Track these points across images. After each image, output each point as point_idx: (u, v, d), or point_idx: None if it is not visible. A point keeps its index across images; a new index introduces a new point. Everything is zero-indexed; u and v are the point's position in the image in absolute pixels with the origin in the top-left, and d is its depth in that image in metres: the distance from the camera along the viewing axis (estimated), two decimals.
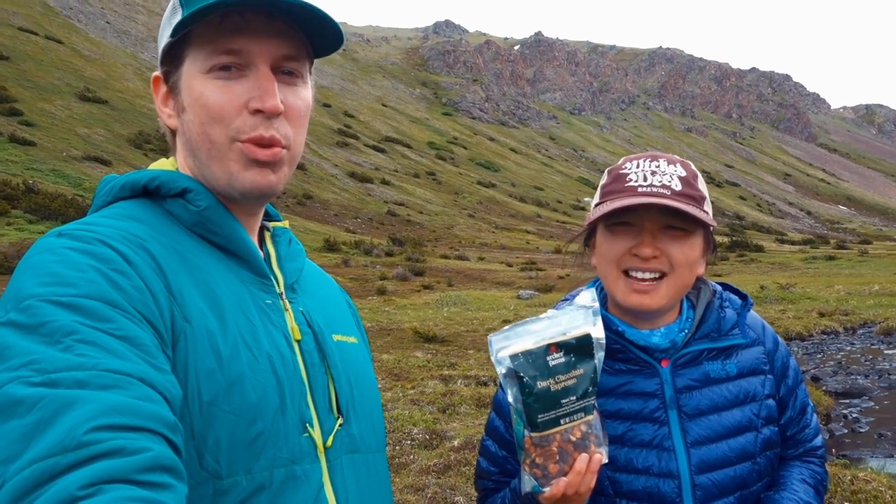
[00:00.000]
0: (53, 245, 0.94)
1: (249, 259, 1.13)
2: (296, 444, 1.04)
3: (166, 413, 0.81)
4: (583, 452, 1.23)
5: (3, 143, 39.48)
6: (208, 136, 1.09)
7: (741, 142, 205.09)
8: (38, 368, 0.77)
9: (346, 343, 1.25)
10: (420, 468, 6.21)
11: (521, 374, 1.22)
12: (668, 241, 1.43)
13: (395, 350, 12.93)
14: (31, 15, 76.40)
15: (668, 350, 1.50)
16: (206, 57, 1.08)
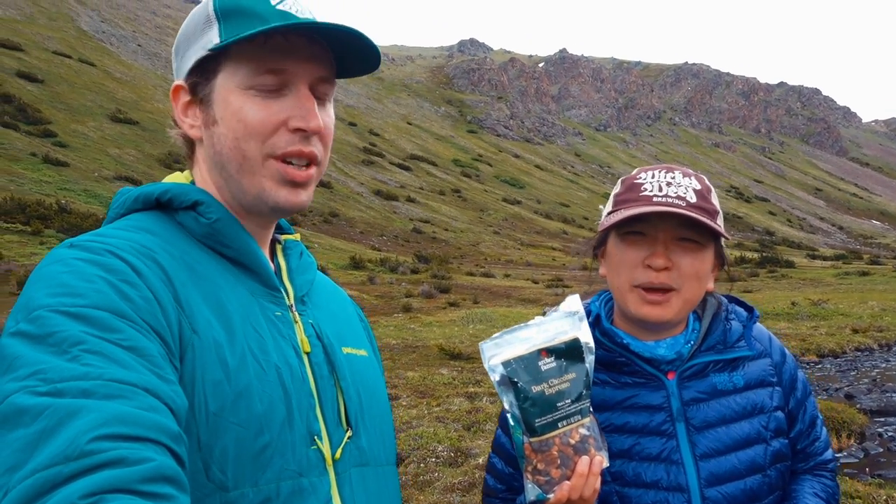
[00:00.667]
0: (64, 256, 0.95)
1: (259, 271, 1.13)
2: (303, 456, 1.04)
3: (170, 423, 0.81)
4: (583, 455, 1.23)
5: (38, 164, 40.35)
6: (242, 151, 1.09)
7: (770, 156, 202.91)
8: (45, 378, 0.78)
9: (355, 356, 1.24)
10: (444, 486, 6.15)
11: (516, 380, 1.23)
12: (680, 253, 1.43)
13: (421, 367, 12.87)
14: (66, 39, 78.33)
15: (673, 362, 1.49)
16: (247, 74, 1.08)
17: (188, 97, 1.14)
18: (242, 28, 1.07)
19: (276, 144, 1.10)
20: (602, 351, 1.51)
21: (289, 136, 1.10)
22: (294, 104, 1.10)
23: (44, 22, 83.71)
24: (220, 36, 1.08)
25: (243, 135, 1.09)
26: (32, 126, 48.03)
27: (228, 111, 1.09)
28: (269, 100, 1.09)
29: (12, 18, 78.63)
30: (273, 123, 1.09)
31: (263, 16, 1.08)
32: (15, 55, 64.12)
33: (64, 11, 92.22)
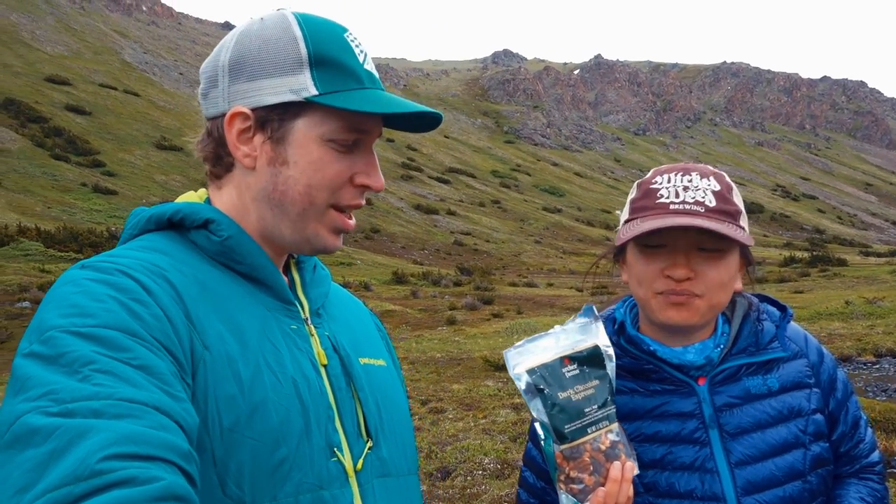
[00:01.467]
0: (76, 277, 0.97)
1: (273, 285, 1.14)
2: (323, 468, 1.04)
3: (180, 442, 0.81)
4: (615, 461, 1.21)
5: (88, 194, 41.60)
6: (311, 199, 1.12)
7: (816, 153, 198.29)
8: (56, 398, 0.78)
9: (373, 366, 1.25)
10: (492, 498, 6.12)
11: (542, 387, 1.23)
12: (702, 263, 1.38)
13: (466, 380, 12.86)
14: (111, 71, 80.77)
15: (703, 367, 1.44)
16: (333, 130, 1.11)
17: (248, 125, 1.12)
18: (339, 83, 1.10)
19: (342, 197, 1.14)
20: (629, 359, 1.48)
21: (353, 191, 1.15)
22: (363, 161, 1.15)
23: (90, 56, 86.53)
24: (317, 86, 1.09)
25: (318, 185, 1.11)
26: (82, 157, 49.64)
27: (306, 159, 1.11)
28: (344, 154, 1.12)
29: (60, 54, 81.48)
30: (344, 178, 1.13)
31: (358, 75, 1.12)
32: (63, 89, 66.41)
33: (108, 45, 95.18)
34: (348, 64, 1.11)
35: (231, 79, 1.13)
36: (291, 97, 1.09)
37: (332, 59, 1.10)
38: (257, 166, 1.13)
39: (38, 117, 54.98)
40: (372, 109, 1.08)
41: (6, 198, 37.03)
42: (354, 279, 31.33)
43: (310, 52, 1.09)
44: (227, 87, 1.13)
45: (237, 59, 1.12)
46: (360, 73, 1.12)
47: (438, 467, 7.09)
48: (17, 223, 29.43)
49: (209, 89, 1.16)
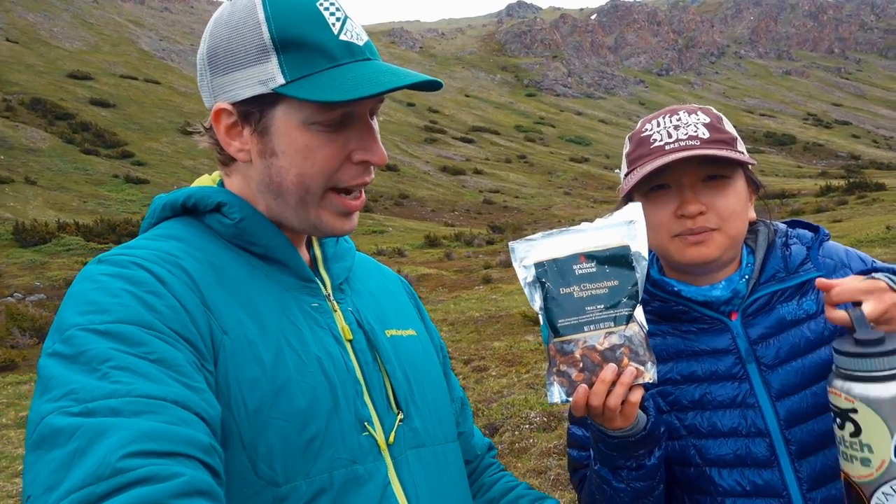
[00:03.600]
0: (92, 273, 0.97)
1: (291, 264, 1.13)
2: (354, 443, 1.04)
3: (201, 436, 0.82)
4: (611, 363, 1.16)
5: (121, 185, 42.32)
6: (306, 186, 1.09)
7: (847, 77, 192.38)
8: (77, 398, 0.80)
9: (401, 337, 1.23)
10: (541, 451, 6.33)
11: (544, 281, 1.19)
12: (711, 194, 1.36)
13: (506, 336, 13.05)
14: (129, 62, 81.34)
15: (732, 301, 1.40)
16: (312, 113, 1.06)
17: (233, 119, 1.10)
18: (307, 65, 1.04)
19: (341, 178, 1.10)
20: (658, 303, 1.47)
21: (353, 169, 1.10)
22: (358, 136, 1.09)
23: (108, 49, 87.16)
24: (284, 74, 1.04)
25: (310, 172, 1.08)
26: (111, 149, 50.36)
27: (292, 147, 1.07)
28: (333, 133, 1.07)
29: (79, 50, 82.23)
30: (339, 158, 1.08)
31: (329, 51, 1.05)
32: (86, 84, 67.17)
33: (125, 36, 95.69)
34: (317, 41, 1.05)
35: (211, 72, 1.10)
36: (261, 89, 1.05)
37: (298, 38, 1.04)
38: (252, 159, 1.11)
39: (64, 114, 55.80)
40: (336, 98, 1.01)
41: (43, 196, 37.89)
42: (387, 246, 31.60)
43: (273, 36, 1.04)
44: (210, 81, 1.11)
45: (212, 51, 1.10)
46: (331, 49, 1.05)
47: (486, 424, 7.31)
48: (56, 220, 30.15)
49: (200, 82, 1.15)
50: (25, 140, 47.44)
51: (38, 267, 23.97)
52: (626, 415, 1.19)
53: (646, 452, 1.30)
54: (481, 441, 1.45)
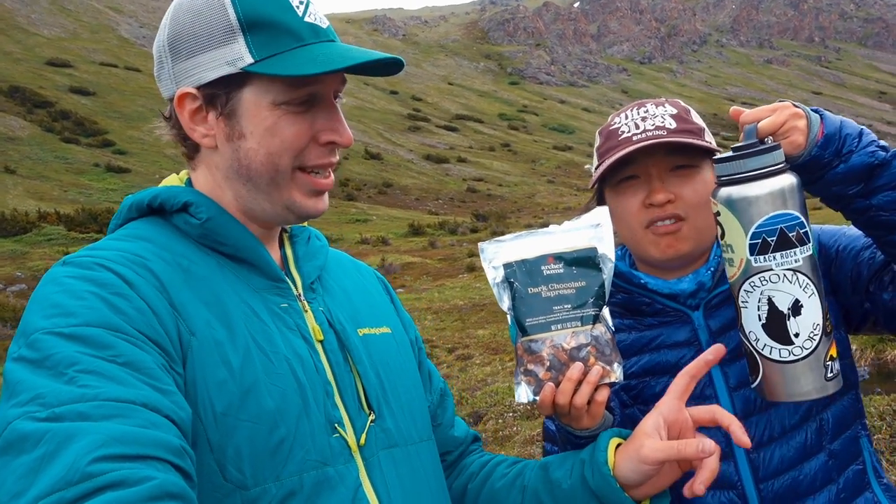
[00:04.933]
0: (57, 275, 0.96)
1: (260, 264, 1.12)
2: (325, 445, 1.03)
3: (171, 438, 0.80)
4: (577, 362, 1.17)
5: (102, 174, 41.99)
6: (275, 166, 1.08)
7: (827, 66, 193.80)
8: (44, 403, 0.78)
9: (374, 336, 1.23)
10: (524, 439, 6.47)
11: (512, 281, 1.21)
12: (679, 183, 1.38)
13: (490, 324, 13.18)
14: (109, 49, 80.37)
15: (697, 294, 1.42)
16: (280, 92, 1.06)
17: (197, 104, 1.09)
18: (274, 44, 1.05)
19: (307, 157, 1.10)
20: (622, 294, 1.48)
21: (319, 149, 1.11)
22: (323, 117, 1.10)
23: (87, 36, 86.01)
24: (252, 53, 1.04)
25: (278, 150, 1.08)
26: (91, 138, 49.95)
27: (261, 127, 1.07)
28: (300, 114, 1.08)
29: (58, 37, 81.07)
30: (305, 138, 1.09)
31: (295, 31, 1.06)
32: (65, 72, 66.32)
33: (104, 23, 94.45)
34: (283, 21, 1.06)
35: (173, 58, 1.10)
36: (229, 70, 1.05)
37: (265, 19, 1.05)
38: (218, 144, 1.10)
39: (43, 102, 55.12)
40: (310, 71, 1.03)
41: (23, 185, 37.50)
42: (371, 234, 31.63)
43: (239, 16, 1.05)
44: (171, 67, 1.10)
45: (174, 37, 1.09)
46: (297, 29, 1.07)
47: (470, 412, 7.44)
48: (36, 209, 29.89)
49: (159, 71, 1.13)
50: (4, 129, 46.87)
51: (18, 257, 23.79)
52: (593, 414, 1.20)
53: None
54: (465, 432, 1.45)
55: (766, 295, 1.19)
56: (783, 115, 1.21)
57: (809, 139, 1.21)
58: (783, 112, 1.21)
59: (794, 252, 1.17)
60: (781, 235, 1.17)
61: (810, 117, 1.22)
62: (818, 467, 1.36)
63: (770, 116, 1.21)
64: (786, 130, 1.21)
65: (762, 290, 1.19)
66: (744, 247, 1.20)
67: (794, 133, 1.20)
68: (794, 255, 1.17)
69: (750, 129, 1.20)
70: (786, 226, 1.17)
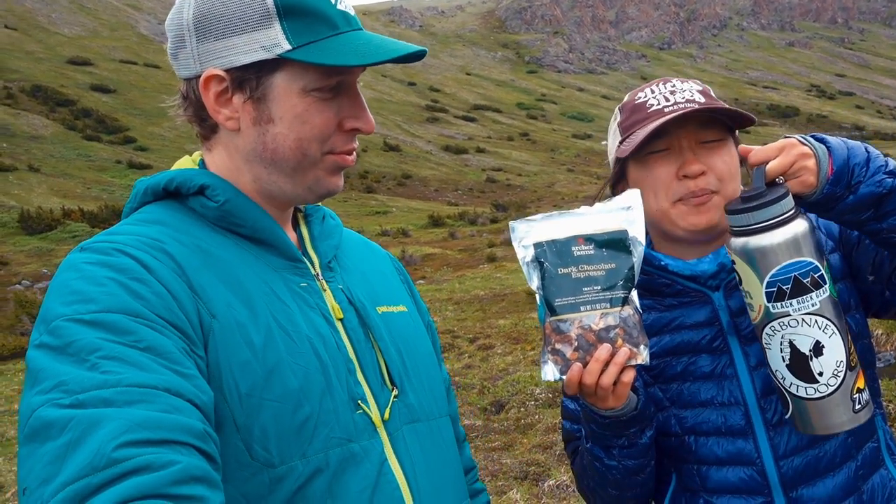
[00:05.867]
0: (76, 261, 0.96)
1: (278, 245, 1.11)
2: (349, 422, 1.03)
3: (194, 422, 0.81)
4: (605, 343, 1.18)
5: (124, 170, 42.42)
6: (303, 151, 1.09)
7: (850, 47, 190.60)
8: (67, 390, 0.79)
9: (392, 314, 1.23)
10: (546, 427, 6.43)
11: (542, 261, 1.22)
12: (709, 155, 1.37)
13: (511, 314, 13.14)
14: (129, 46, 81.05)
15: (718, 275, 1.41)
16: (313, 79, 1.06)
17: (223, 86, 1.07)
18: (311, 32, 1.05)
19: (335, 144, 1.11)
20: (642, 276, 1.43)
21: (344, 136, 1.11)
22: (349, 105, 1.11)
23: (107, 34, 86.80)
24: (290, 40, 1.04)
25: (308, 137, 1.08)
26: (113, 135, 50.49)
27: (291, 113, 1.07)
28: (328, 101, 1.09)
29: (78, 35, 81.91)
30: (333, 125, 1.09)
31: (330, 18, 1.07)
32: (86, 70, 67.03)
33: (123, 20, 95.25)
34: (319, 8, 1.06)
35: (199, 38, 1.07)
36: (265, 55, 1.04)
37: (301, 5, 1.05)
38: (241, 127, 1.09)
39: (65, 100, 55.76)
40: (350, 62, 1.04)
41: (47, 183, 37.98)
42: (391, 227, 31.67)
43: (277, 1, 1.04)
44: (196, 47, 1.08)
45: (201, 16, 1.06)
46: (332, 17, 1.07)
47: (492, 401, 7.42)
48: (60, 207, 30.26)
49: (177, 49, 1.11)
50: (27, 127, 47.47)
51: (44, 254, 24.11)
52: (618, 395, 1.21)
53: (637, 431, 1.32)
54: (462, 433, 1.44)
55: (787, 338, 1.22)
56: (791, 155, 1.21)
57: (820, 178, 1.21)
58: (791, 152, 1.21)
59: (810, 297, 1.19)
60: (796, 283, 1.19)
61: (818, 155, 1.21)
62: (838, 444, 1.37)
63: (778, 158, 1.21)
64: (795, 171, 1.21)
65: (783, 333, 1.22)
66: (761, 295, 1.22)
67: (804, 173, 1.20)
68: (810, 299, 1.20)
69: (759, 171, 1.21)
70: (800, 273, 1.19)
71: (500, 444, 6.23)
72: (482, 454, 5.95)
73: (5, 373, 11.21)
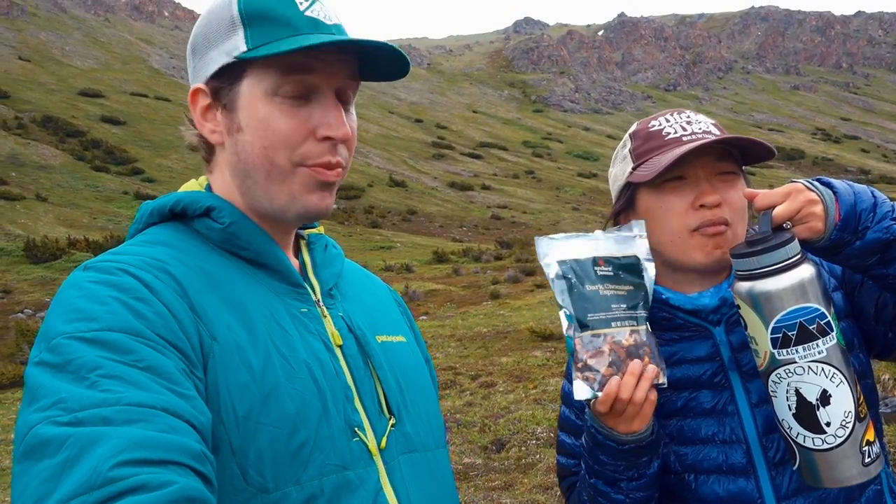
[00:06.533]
0: (79, 280, 0.96)
1: (280, 269, 1.12)
2: (345, 449, 1.03)
3: (192, 443, 0.81)
4: (636, 359, 1.19)
5: (130, 201, 42.60)
6: (270, 160, 1.08)
7: (856, 92, 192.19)
8: (66, 407, 0.79)
9: (392, 343, 1.23)
10: (547, 467, 6.31)
11: (570, 277, 1.23)
12: (725, 188, 1.36)
13: (514, 352, 13.03)
14: (140, 79, 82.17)
15: (719, 309, 1.38)
16: (274, 81, 1.06)
17: (208, 101, 1.11)
18: (270, 34, 1.06)
19: (307, 154, 1.08)
20: None
21: (318, 146, 1.09)
22: (321, 112, 1.09)
23: (119, 67, 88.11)
24: (248, 43, 1.06)
25: (272, 143, 1.07)
26: (121, 166, 50.86)
27: (256, 119, 1.07)
28: (296, 107, 1.07)
29: (91, 68, 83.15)
30: (302, 133, 1.08)
31: (293, 23, 1.07)
32: (97, 101, 67.88)
33: (135, 54, 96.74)
34: (282, 14, 1.07)
35: (193, 60, 1.13)
36: (226, 59, 1.07)
37: (264, 12, 1.07)
38: (224, 140, 1.11)
39: (75, 131, 56.35)
40: (287, 48, 1.02)
41: (54, 212, 38.17)
42: (395, 262, 31.65)
43: (241, 11, 1.07)
44: (192, 69, 1.14)
45: (194, 40, 1.13)
46: (295, 21, 1.07)
47: (493, 440, 7.30)
48: (66, 236, 30.35)
49: (189, 74, 1.17)
50: (37, 157, 47.89)
51: (48, 283, 24.11)
52: (644, 414, 1.21)
53: (648, 461, 1.30)
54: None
55: (793, 386, 1.20)
56: (798, 201, 1.19)
57: (828, 224, 1.19)
58: (798, 198, 1.20)
59: (816, 344, 1.17)
60: (801, 329, 1.17)
61: (825, 201, 1.20)
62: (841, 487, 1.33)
63: (785, 203, 1.20)
64: (802, 217, 1.20)
65: (788, 381, 1.20)
66: (766, 341, 1.20)
67: (811, 219, 1.19)
68: (816, 347, 1.17)
69: (765, 216, 1.20)
70: (805, 319, 1.17)
71: (500, 483, 6.11)
72: (482, 493, 5.83)
73: (3, 402, 11.13)
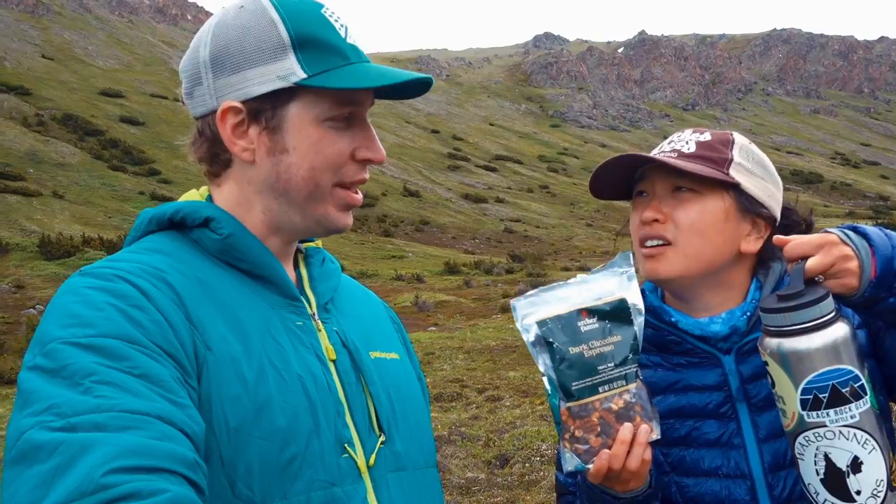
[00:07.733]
0: (76, 285, 0.96)
1: (277, 282, 1.12)
2: (334, 465, 1.02)
3: (185, 451, 0.81)
4: (626, 423, 1.13)
5: (146, 202, 42.84)
6: (316, 181, 1.10)
7: (876, 117, 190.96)
8: (59, 413, 0.78)
9: (385, 360, 1.23)
10: (550, 485, 6.19)
11: (551, 340, 1.15)
12: (673, 204, 1.33)
13: (522, 367, 12.90)
14: (161, 81, 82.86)
15: (730, 337, 1.34)
16: (328, 108, 1.09)
17: (240, 118, 1.10)
18: (325, 62, 1.08)
19: (346, 174, 1.12)
20: (651, 330, 1.38)
21: (355, 167, 1.13)
22: (360, 135, 1.13)
23: (140, 68, 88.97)
24: (305, 69, 1.07)
25: (322, 166, 1.10)
26: (138, 166, 51.27)
27: (306, 143, 1.09)
28: (342, 131, 1.11)
29: (112, 68, 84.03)
30: (346, 155, 1.12)
31: (341, 50, 1.10)
32: (117, 102, 68.53)
33: (157, 56, 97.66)
34: (331, 41, 1.10)
35: (215, 74, 1.11)
36: (280, 84, 1.07)
37: (315, 38, 1.08)
38: (257, 159, 1.11)
39: (94, 130, 56.87)
40: (364, 85, 1.07)
41: (70, 210, 38.44)
42: (406, 272, 31.58)
43: (291, 34, 1.08)
44: (213, 82, 1.11)
45: (218, 53, 1.10)
46: (343, 49, 1.11)
47: (497, 455, 7.20)
48: (81, 234, 30.52)
49: (193, 87, 1.14)
50: (55, 155, 48.33)
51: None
52: (640, 475, 1.16)
53: None
54: None
55: (822, 451, 1.13)
56: (832, 255, 1.13)
57: (863, 280, 1.13)
58: (831, 252, 1.13)
59: (849, 408, 1.11)
60: (834, 392, 1.10)
61: (861, 256, 1.13)
62: None
63: (818, 257, 1.13)
64: (836, 272, 1.14)
65: (818, 445, 1.13)
66: (795, 402, 1.14)
67: (846, 276, 1.13)
68: (849, 411, 1.11)
69: (797, 270, 1.14)
70: (838, 382, 1.10)
71: (502, 499, 6.00)
72: None
73: (11, 397, 11.11)
